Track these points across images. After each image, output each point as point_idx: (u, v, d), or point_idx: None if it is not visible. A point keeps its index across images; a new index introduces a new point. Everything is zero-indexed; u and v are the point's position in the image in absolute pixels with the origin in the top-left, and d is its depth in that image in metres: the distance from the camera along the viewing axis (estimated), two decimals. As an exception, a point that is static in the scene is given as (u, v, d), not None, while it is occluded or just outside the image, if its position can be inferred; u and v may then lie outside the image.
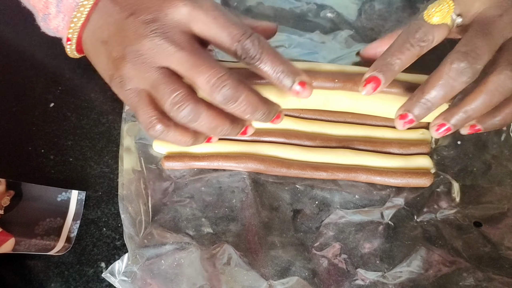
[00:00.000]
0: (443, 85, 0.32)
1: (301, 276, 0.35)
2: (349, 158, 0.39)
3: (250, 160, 0.39)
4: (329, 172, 0.39)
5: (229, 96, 0.31)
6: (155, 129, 0.32)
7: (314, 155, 0.40)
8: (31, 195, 0.38)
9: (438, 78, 0.32)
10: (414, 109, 0.33)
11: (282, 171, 0.39)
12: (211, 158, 0.40)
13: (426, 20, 0.32)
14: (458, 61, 0.31)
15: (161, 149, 0.40)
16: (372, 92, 0.34)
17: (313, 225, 0.38)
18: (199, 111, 0.32)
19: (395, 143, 0.40)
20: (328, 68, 0.41)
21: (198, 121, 0.32)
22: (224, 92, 0.31)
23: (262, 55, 0.32)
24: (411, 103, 0.34)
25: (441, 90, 0.32)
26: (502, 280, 0.34)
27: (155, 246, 0.36)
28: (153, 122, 0.32)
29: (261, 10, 0.51)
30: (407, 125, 0.34)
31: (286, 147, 0.40)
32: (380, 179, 0.39)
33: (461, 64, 0.31)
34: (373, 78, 0.34)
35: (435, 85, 0.32)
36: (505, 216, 0.37)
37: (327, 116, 0.42)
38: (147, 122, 0.32)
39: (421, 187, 0.39)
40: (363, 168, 0.39)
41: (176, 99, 0.31)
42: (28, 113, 0.45)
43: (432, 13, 0.32)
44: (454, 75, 0.31)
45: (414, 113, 0.34)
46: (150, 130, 0.33)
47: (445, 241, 0.37)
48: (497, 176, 0.39)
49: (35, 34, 0.51)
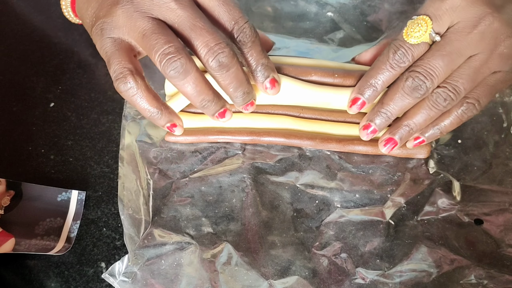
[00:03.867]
0: (399, 99, 0.35)
1: (301, 276, 0.35)
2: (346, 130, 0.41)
3: (247, 132, 0.40)
4: (326, 143, 0.40)
5: (223, 63, 0.32)
6: (125, 81, 0.32)
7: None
8: (31, 195, 0.38)
9: (394, 92, 0.35)
10: (376, 119, 0.36)
11: (281, 141, 0.40)
12: (211, 132, 0.41)
13: (406, 39, 0.33)
14: (411, 79, 0.33)
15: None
16: (357, 111, 0.37)
17: (313, 224, 0.38)
18: (189, 69, 0.31)
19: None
20: (329, 64, 0.41)
21: (186, 79, 0.32)
22: (219, 58, 0.31)
23: (253, 44, 0.34)
24: (373, 113, 0.37)
25: (397, 103, 0.35)
26: (504, 277, 0.34)
27: (155, 246, 0.36)
28: (125, 73, 0.32)
29: (261, 10, 0.51)
30: (370, 135, 0.38)
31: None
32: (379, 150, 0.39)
33: (414, 82, 0.33)
34: (357, 99, 0.37)
35: (392, 99, 0.35)
36: (506, 214, 0.37)
37: (327, 116, 0.42)
38: (118, 72, 0.32)
39: (421, 188, 0.39)
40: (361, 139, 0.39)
41: (169, 50, 0.31)
42: (28, 113, 0.45)
43: (411, 33, 0.33)
44: (408, 91, 0.34)
45: (375, 123, 0.36)
46: (119, 82, 0.32)
47: (446, 239, 0.36)
48: (498, 174, 0.39)
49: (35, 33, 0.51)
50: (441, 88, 0.34)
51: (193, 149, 0.41)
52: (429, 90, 0.34)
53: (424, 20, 0.33)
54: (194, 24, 0.31)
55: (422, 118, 0.35)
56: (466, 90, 0.34)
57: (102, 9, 0.32)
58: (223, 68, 0.32)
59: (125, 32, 0.32)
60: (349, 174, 0.40)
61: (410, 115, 0.35)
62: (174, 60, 0.31)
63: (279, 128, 0.41)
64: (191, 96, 0.33)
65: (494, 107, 0.43)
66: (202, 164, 0.41)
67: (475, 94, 0.34)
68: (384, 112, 0.36)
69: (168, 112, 0.34)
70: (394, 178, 0.40)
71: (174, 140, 0.41)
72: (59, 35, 0.51)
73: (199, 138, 0.41)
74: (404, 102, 0.35)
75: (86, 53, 0.49)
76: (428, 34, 0.33)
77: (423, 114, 0.35)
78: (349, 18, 0.50)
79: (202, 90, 0.33)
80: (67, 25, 0.51)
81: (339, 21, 0.50)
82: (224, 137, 0.41)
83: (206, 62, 0.32)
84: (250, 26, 0.33)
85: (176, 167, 0.40)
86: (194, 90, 0.33)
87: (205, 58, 0.32)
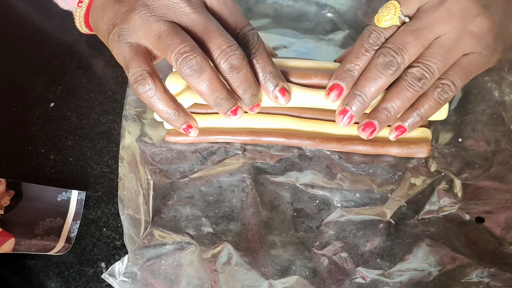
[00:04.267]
0: (372, 78, 0.35)
1: (302, 275, 0.35)
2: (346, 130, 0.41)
3: (247, 132, 0.40)
4: (326, 142, 0.40)
5: (235, 65, 0.33)
6: (144, 83, 0.33)
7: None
8: (31, 195, 0.38)
9: (368, 72, 0.35)
10: (351, 103, 0.36)
11: (281, 141, 0.40)
12: (211, 132, 0.41)
13: (377, 24, 0.35)
14: (382, 56, 0.34)
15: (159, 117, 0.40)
16: (336, 99, 0.37)
17: (314, 224, 0.38)
18: (204, 67, 0.32)
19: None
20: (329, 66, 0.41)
21: (201, 77, 0.33)
22: (231, 60, 0.33)
23: (258, 51, 0.35)
24: (349, 96, 0.36)
25: (371, 83, 0.35)
26: (505, 276, 0.34)
27: (155, 246, 0.36)
28: (144, 75, 0.33)
29: (261, 9, 0.51)
30: (347, 120, 0.36)
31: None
32: (379, 150, 0.39)
33: (385, 58, 0.34)
34: (335, 86, 0.36)
35: (366, 78, 0.35)
36: (508, 212, 0.37)
37: (327, 116, 0.42)
38: (138, 75, 0.33)
39: (421, 186, 0.39)
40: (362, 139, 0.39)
41: (185, 49, 0.32)
42: (28, 113, 0.45)
43: (381, 17, 0.34)
44: (380, 68, 0.34)
45: (351, 107, 0.36)
46: (138, 84, 0.33)
47: (447, 238, 0.36)
48: (499, 172, 0.39)
49: (35, 34, 0.51)
50: (415, 68, 0.34)
51: (193, 149, 0.41)
52: (400, 66, 0.34)
53: (392, 5, 0.34)
54: (207, 27, 0.33)
55: (399, 100, 0.35)
56: (439, 70, 0.34)
57: (119, 16, 0.34)
58: (234, 70, 0.33)
59: (141, 36, 0.33)
60: (349, 173, 0.40)
61: (388, 98, 0.35)
62: (190, 59, 0.32)
63: (279, 128, 0.41)
64: (206, 94, 0.34)
65: (494, 105, 0.43)
66: (202, 164, 0.41)
67: (449, 76, 0.35)
68: (359, 94, 0.35)
69: (185, 113, 0.35)
70: (394, 178, 0.40)
71: (174, 140, 0.41)
72: (59, 35, 0.51)
73: (199, 138, 0.41)
74: (377, 81, 0.34)
75: (86, 54, 0.49)
76: (397, 16, 0.34)
77: (400, 95, 0.35)
78: (348, 19, 0.50)
79: (216, 88, 0.34)
80: (67, 26, 0.51)
81: (339, 22, 0.50)
82: (224, 137, 0.41)
83: (219, 63, 0.33)
84: (253, 33, 0.35)
85: (176, 167, 0.40)
86: (208, 88, 0.33)
87: (218, 59, 0.33)
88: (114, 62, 0.48)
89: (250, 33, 0.34)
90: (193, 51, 0.32)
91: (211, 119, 0.41)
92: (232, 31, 0.34)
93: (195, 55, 0.32)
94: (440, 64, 0.34)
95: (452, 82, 0.34)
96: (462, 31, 0.34)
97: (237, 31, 0.34)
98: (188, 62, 0.32)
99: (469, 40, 0.34)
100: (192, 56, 0.32)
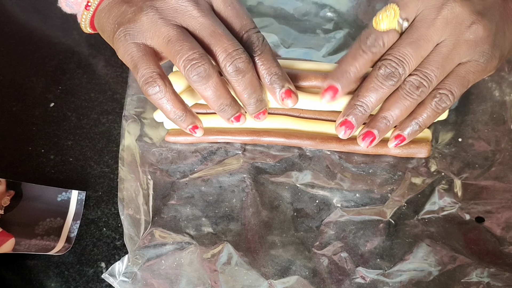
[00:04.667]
0: (373, 88, 0.35)
1: (302, 275, 0.35)
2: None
3: (247, 132, 0.40)
4: (326, 142, 0.40)
5: (240, 69, 0.33)
6: (154, 84, 0.33)
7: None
8: (31, 195, 0.38)
9: (369, 83, 0.35)
10: (352, 113, 0.36)
11: (281, 141, 0.40)
12: (211, 132, 0.41)
13: (375, 27, 0.35)
14: (384, 67, 0.34)
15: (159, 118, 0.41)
16: (331, 100, 0.36)
17: (314, 224, 0.38)
18: (211, 74, 0.33)
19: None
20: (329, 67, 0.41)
21: (207, 84, 0.33)
22: (237, 64, 0.33)
23: (263, 53, 0.35)
24: (349, 107, 0.36)
25: (372, 93, 0.35)
26: (505, 276, 0.34)
27: (156, 246, 0.36)
28: (154, 77, 0.33)
29: (261, 9, 0.51)
30: (348, 132, 0.37)
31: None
32: (379, 150, 0.39)
33: (387, 69, 0.34)
34: (330, 87, 0.36)
35: (367, 89, 0.35)
36: (508, 211, 0.37)
37: (327, 116, 0.42)
38: (148, 76, 0.33)
39: (421, 186, 0.39)
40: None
41: (193, 56, 0.32)
42: (28, 113, 0.45)
43: (380, 20, 0.34)
44: (382, 79, 0.34)
45: (352, 117, 0.36)
46: (148, 86, 0.33)
47: (447, 238, 0.36)
48: (499, 172, 0.39)
49: (35, 34, 0.51)
50: (413, 76, 0.34)
51: (193, 149, 0.41)
52: (401, 77, 0.34)
53: (393, 9, 0.34)
54: (214, 31, 0.33)
55: (398, 109, 0.35)
56: (437, 77, 0.34)
57: (125, 16, 0.34)
58: (240, 73, 0.33)
59: (148, 37, 0.33)
60: (349, 173, 0.40)
61: (386, 107, 0.36)
62: (198, 66, 0.32)
63: (279, 128, 0.41)
64: (211, 99, 0.34)
65: (494, 105, 0.43)
66: (202, 164, 0.41)
67: (446, 85, 0.35)
68: (360, 105, 0.35)
69: (191, 114, 0.36)
70: (394, 178, 0.40)
71: (174, 140, 0.41)
72: (59, 35, 0.51)
73: (199, 138, 0.41)
74: (379, 91, 0.35)
75: (86, 53, 0.49)
76: (396, 20, 0.34)
77: (399, 104, 0.35)
78: (349, 18, 0.50)
79: (222, 95, 0.34)
80: (67, 25, 0.51)
81: (339, 22, 0.50)
82: (224, 137, 0.41)
83: (224, 67, 0.33)
84: (258, 35, 0.35)
85: (176, 167, 0.40)
86: (214, 94, 0.34)
87: (223, 63, 0.33)
88: (114, 62, 0.48)
89: (255, 35, 0.35)
90: (201, 59, 0.32)
91: (211, 119, 0.41)
92: (237, 33, 0.35)
93: (203, 63, 0.32)
94: (438, 72, 0.34)
95: (450, 92, 0.35)
96: (459, 39, 0.34)
97: (243, 33, 0.35)
98: (197, 69, 0.32)
99: (465, 47, 0.34)
100: (201, 64, 0.32)
